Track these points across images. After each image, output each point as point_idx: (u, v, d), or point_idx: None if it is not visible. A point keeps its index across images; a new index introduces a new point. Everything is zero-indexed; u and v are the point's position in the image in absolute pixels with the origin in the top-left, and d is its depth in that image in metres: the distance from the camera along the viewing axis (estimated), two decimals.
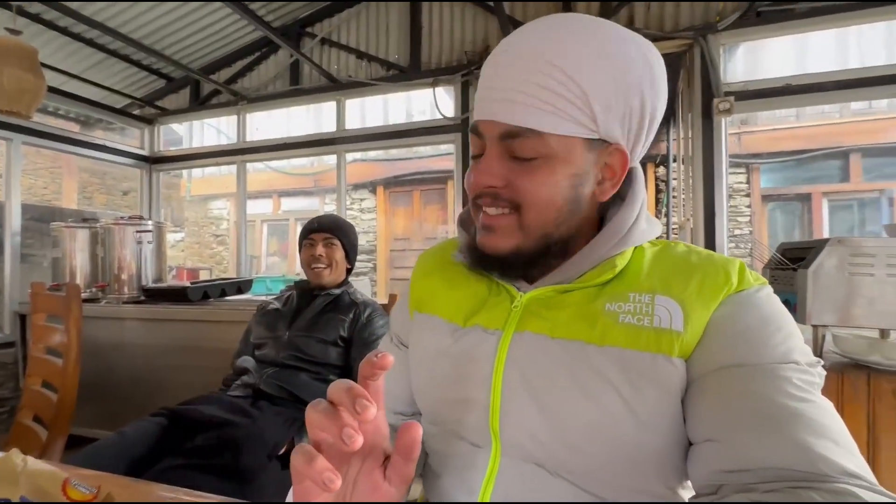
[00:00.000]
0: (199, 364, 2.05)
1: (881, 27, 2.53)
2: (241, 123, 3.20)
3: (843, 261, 1.31)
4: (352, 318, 1.34)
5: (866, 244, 1.31)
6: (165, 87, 3.41)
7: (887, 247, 1.28)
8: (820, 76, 2.08)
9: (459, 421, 0.48)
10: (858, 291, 1.29)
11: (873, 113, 4.35)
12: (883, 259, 1.28)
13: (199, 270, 6.65)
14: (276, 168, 6.55)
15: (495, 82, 0.43)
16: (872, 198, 4.66)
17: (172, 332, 2.15)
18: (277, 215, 7.02)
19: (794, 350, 0.40)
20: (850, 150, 4.53)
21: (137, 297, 2.41)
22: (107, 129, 3.61)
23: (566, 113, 0.41)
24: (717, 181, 2.17)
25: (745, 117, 4.61)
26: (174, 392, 2.06)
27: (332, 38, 2.99)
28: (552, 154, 0.43)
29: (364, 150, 4.19)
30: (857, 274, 1.30)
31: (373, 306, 1.39)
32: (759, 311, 0.42)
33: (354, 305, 1.37)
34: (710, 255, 0.47)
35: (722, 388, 0.39)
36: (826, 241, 1.33)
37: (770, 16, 2.12)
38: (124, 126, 3.39)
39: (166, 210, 7.20)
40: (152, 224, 2.50)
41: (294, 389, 1.20)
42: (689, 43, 2.23)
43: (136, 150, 3.34)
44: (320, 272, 1.39)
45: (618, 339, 0.43)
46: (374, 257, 6.28)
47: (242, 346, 1.47)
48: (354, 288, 1.48)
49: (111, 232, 2.41)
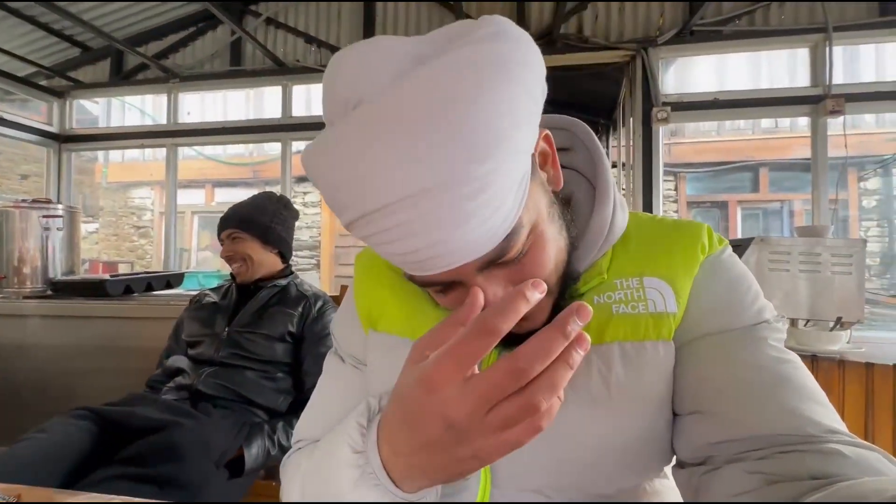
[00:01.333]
0: (119, 366, 1.83)
1: (785, 54, 2.86)
2: (172, 103, 2.92)
3: (763, 257, 1.46)
4: (301, 312, 1.25)
5: (783, 243, 1.46)
6: (81, 57, 3.02)
7: (798, 245, 1.44)
8: (740, 93, 2.30)
9: None
10: (777, 285, 1.43)
11: (779, 131, 4.92)
12: (795, 257, 1.43)
13: (118, 264, 6.00)
14: (211, 156, 6.09)
15: (418, 229, 0.30)
16: (775, 208, 5.27)
17: (86, 331, 1.91)
18: (211, 207, 6.52)
19: (764, 308, 0.41)
20: (760, 164, 5.10)
21: (43, 291, 2.11)
22: (2, 101, 3.14)
23: (516, 168, 0.31)
24: (655, 187, 2.33)
25: (675, 129, 5.01)
26: (87, 398, 1.82)
27: (278, 18, 2.83)
28: (535, 218, 0.34)
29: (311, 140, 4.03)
30: (775, 269, 1.45)
31: (324, 298, 1.31)
32: (729, 273, 0.42)
33: (304, 298, 1.28)
34: (677, 224, 0.46)
35: (705, 357, 0.39)
36: (751, 239, 1.47)
37: (702, 35, 2.31)
38: (27, 98, 2.96)
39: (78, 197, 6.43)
40: (63, 208, 2.21)
41: (240, 388, 1.10)
42: (632, 54, 2.37)
43: (43, 125, 2.93)
44: (238, 271, 1.28)
45: (616, 333, 0.40)
46: (318, 254, 6.04)
47: (173, 344, 1.33)
48: (301, 279, 1.39)
49: (9, 216, 2.09)
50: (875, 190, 5.07)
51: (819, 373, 1.27)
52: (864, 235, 5.04)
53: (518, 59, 0.31)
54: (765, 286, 1.41)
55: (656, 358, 0.39)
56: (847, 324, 1.37)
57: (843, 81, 2.18)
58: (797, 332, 1.40)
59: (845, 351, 1.32)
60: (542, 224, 0.35)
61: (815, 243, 1.42)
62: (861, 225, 5.07)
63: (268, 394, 1.12)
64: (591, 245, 0.42)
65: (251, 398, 1.09)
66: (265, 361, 1.17)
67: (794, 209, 5.16)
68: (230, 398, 1.09)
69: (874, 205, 5.08)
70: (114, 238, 6.69)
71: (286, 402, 1.15)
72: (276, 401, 1.13)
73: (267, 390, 1.13)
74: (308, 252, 6.05)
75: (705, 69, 2.98)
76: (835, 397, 1.24)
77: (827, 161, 2.18)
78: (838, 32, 2.14)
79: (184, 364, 1.19)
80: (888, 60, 2.92)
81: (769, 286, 1.43)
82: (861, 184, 5.07)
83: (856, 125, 4.27)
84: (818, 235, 1.49)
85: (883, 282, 4.95)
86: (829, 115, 2.11)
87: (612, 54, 2.41)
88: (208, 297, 1.34)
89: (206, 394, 1.08)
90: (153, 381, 1.23)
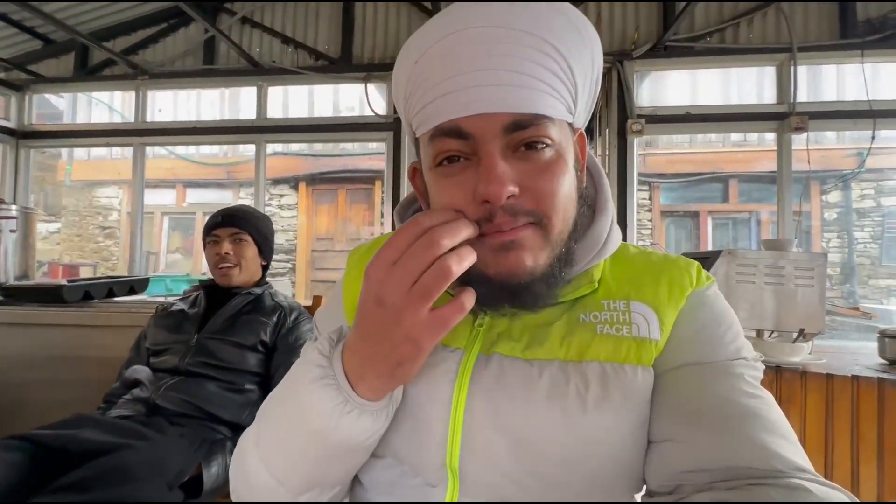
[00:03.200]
0: (77, 377, 1.73)
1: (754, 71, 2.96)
2: (140, 100, 2.81)
3: (731, 269, 1.49)
4: (276, 322, 1.21)
5: (749, 256, 1.50)
6: (42, 50, 2.88)
7: (764, 258, 1.48)
8: (711, 108, 2.37)
9: (409, 453, 0.41)
10: (743, 296, 1.47)
11: (748, 145, 5.12)
12: (762, 269, 1.47)
13: (80, 267, 5.73)
14: (182, 155, 5.90)
15: (477, 64, 0.35)
16: (744, 218, 5.47)
17: (41, 340, 1.80)
18: (182, 208, 6.32)
19: (743, 347, 0.41)
20: (730, 176, 5.28)
21: None
22: None
23: (561, 95, 0.37)
24: (629, 196, 2.37)
25: (650, 140, 5.15)
26: (41, 413, 1.71)
27: (253, 17, 2.76)
28: (560, 144, 0.37)
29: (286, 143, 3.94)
30: (742, 282, 1.48)
31: (298, 309, 1.28)
32: (713, 309, 0.43)
33: (279, 308, 1.25)
34: (666, 257, 0.47)
35: (681, 386, 0.39)
36: (720, 252, 1.50)
37: (675, 51, 2.37)
38: None
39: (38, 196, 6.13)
40: (16, 209, 2.09)
41: (200, 402, 1.04)
42: (609, 66, 2.41)
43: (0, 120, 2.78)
44: (227, 272, 1.23)
45: (598, 353, 0.40)
46: (294, 257, 5.92)
47: (134, 355, 1.26)
48: (276, 289, 1.36)
49: None
50: (836, 203, 5.33)
51: (782, 383, 1.30)
52: (826, 246, 5.27)
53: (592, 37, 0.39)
54: (732, 298, 1.45)
55: (634, 382, 0.39)
56: (809, 335, 1.42)
57: (806, 99, 2.28)
58: (762, 344, 1.44)
59: (807, 362, 1.36)
60: (567, 163, 0.38)
61: (779, 256, 1.47)
62: (823, 236, 5.31)
63: (232, 407, 1.08)
64: (587, 250, 0.42)
65: (213, 412, 1.04)
66: (233, 370, 1.13)
67: (762, 219, 5.36)
68: (190, 413, 1.03)
69: (835, 217, 5.34)
70: (77, 239, 6.39)
71: (251, 417, 1.11)
72: (240, 415, 1.08)
73: (231, 403, 1.08)
74: (284, 255, 5.92)
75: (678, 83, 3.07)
76: (797, 406, 1.27)
77: (791, 174, 2.27)
78: (802, 53, 2.23)
79: (143, 375, 1.13)
80: (848, 80, 3.07)
81: (736, 298, 1.46)
82: (823, 197, 5.31)
83: (818, 141, 4.47)
84: (783, 249, 1.54)
85: (843, 290, 5.20)
86: (793, 132, 2.20)
87: None
88: (175, 305, 1.29)
89: (163, 408, 1.02)
90: (110, 395, 1.17)
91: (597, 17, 2.48)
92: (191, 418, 1.03)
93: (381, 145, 2.68)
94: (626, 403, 0.38)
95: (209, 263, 1.26)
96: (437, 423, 0.40)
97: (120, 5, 2.67)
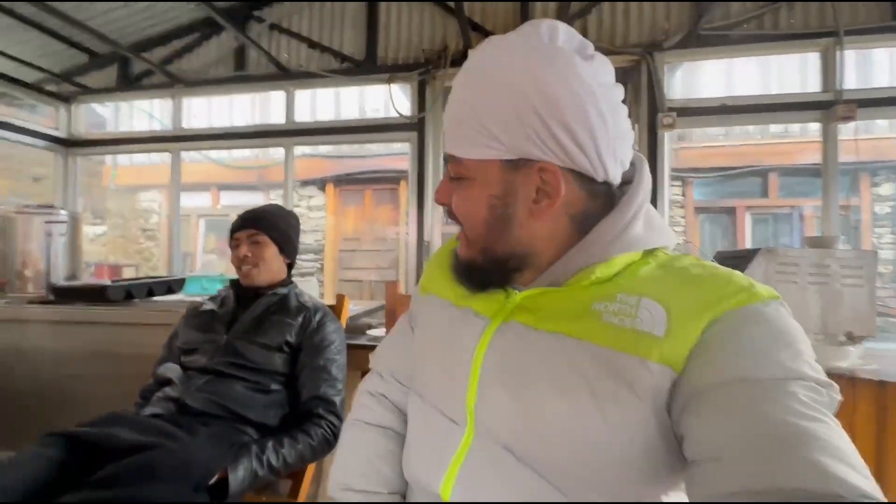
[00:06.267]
0: (117, 373, 1.83)
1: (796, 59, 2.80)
2: (176, 109, 2.94)
3: (771, 269, 1.41)
4: (301, 323, 1.22)
5: (791, 254, 1.42)
6: (88, 63, 3.05)
7: (807, 257, 1.39)
8: (748, 98, 2.26)
9: (440, 395, 0.53)
10: (784, 298, 1.39)
11: (789, 136, 4.84)
12: (805, 268, 1.39)
13: (123, 268, 6.05)
14: (216, 160, 6.11)
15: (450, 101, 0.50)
16: (785, 213, 5.18)
17: (86, 337, 1.91)
18: (216, 210, 6.55)
19: (805, 367, 0.38)
20: (769, 170, 5.01)
21: (45, 296, 2.12)
22: (12, 105, 3.17)
23: (474, 139, 0.46)
24: (660, 192, 2.29)
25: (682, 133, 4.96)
26: (85, 405, 1.82)
27: (282, 24, 2.83)
28: (471, 176, 0.48)
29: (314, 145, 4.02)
30: (783, 282, 1.40)
31: (323, 310, 1.29)
32: (767, 326, 0.40)
33: (304, 309, 1.26)
34: (715, 268, 0.46)
35: (724, 404, 0.37)
36: (757, 250, 1.43)
37: (709, 39, 2.27)
38: (35, 103, 2.99)
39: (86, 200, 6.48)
40: (65, 214, 2.22)
41: (227, 402, 1.07)
42: (637, 59, 2.34)
43: (50, 130, 2.96)
44: (248, 273, 1.26)
45: (597, 337, 0.43)
46: (322, 257, 6.04)
47: (166, 353, 1.31)
48: (301, 289, 1.38)
49: (13, 222, 2.11)
50: (888, 196, 4.95)
51: None
52: (877, 243, 4.92)
53: (570, 103, 0.44)
54: None
55: (628, 371, 0.41)
56: (858, 338, 1.33)
57: (855, 86, 2.13)
58: None
59: (856, 368, 1.27)
60: (479, 188, 0.48)
61: (824, 255, 1.38)
62: (874, 232, 4.96)
63: (258, 408, 1.10)
64: (587, 246, 0.47)
65: (240, 412, 1.06)
66: (260, 371, 1.15)
67: (805, 214, 5.06)
68: (218, 413, 1.05)
69: (887, 211, 4.96)
70: (121, 240, 6.75)
71: (277, 417, 1.13)
72: (266, 415, 1.10)
73: (258, 404, 1.10)
74: (312, 255, 6.05)
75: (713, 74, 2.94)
76: (843, 416, 1.19)
77: (838, 167, 2.13)
78: (850, 36, 2.09)
79: (173, 374, 1.17)
80: None
81: None
82: (874, 189, 4.96)
83: (869, 130, 4.18)
84: (828, 246, 1.44)
85: None
86: (839, 121, 2.06)
87: (616, 59, 2.37)
88: (205, 305, 1.33)
89: (193, 408, 1.05)
90: (145, 390, 1.22)
91: (624, 8, 2.40)
92: (219, 418, 1.05)
93: (405, 146, 2.69)
94: (616, 385, 0.41)
95: (234, 265, 1.30)
96: (461, 371, 0.50)
97: (157, 17, 2.79)
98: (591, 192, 0.48)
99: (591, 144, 0.44)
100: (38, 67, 2.86)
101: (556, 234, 0.49)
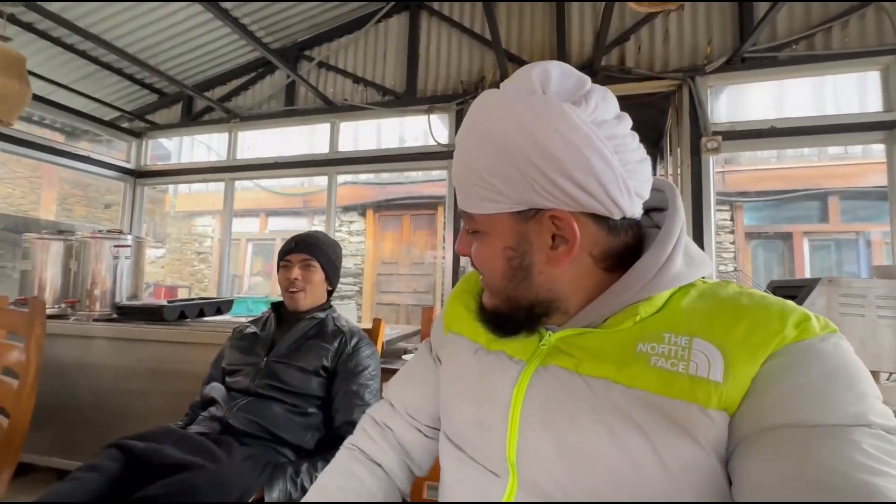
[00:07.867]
0: (168, 389, 1.93)
1: (853, 77, 2.66)
2: (231, 141, 3.17)
3: (833, 301, 1.31)
4: (337, 348, 1.25)
5: (856, 284, 1.31)
6: (157, 102, 3.38)
7: (876, 288, 1.28)
8: (801, 120, 2.16)
9: (477, 445, 0.49)
10: (849, 332, 1.28)
11: (850, 158, 4.54)
12: (872, 300, 1.28)
13: (178, 288, 6.45)
14: (266, 187, 6.50)
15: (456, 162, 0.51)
16: (849, 239, 4.80)
17: (141, 354, 2.03)
18: (263, 234, 6.91)
19: (870, 412, 0.34)
20: (829, 193, 4.70)
21: (109, 314, 2.29)
22: (92, 141, 3.54)
23: (481, 195, 0.46)
24: (706, 218, 2.20)
25: (730, 157, 4.76)
26: (137, 419, 1.92)
27: (329, 61, 3.03)
28: (485, 230, 0.48)
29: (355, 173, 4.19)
30: (848, 314, 1.29)
31: (359, 335, 1.31)
32: (824, 363, 0.37)
33: (340, 333, 1.29)
34: (764, 298, 0.42)
35: (774, 451, 0.34)
36: (817, 280, 1.33)
37: (754, 62, 2.21)
38: (111, 138, 3.33)
39: (149, 225, 7.04)
40: (131, 239, 2.41)
41: (266, 423, 1.10)
42: (678, 84, 2.30)
43: (122, 162, 3.26)
44: (294, 296, 1.31)
45: (648, 384, 0.40)
46: (361, 280, 6.18)
47: (213, 372, 1.37)
48: (338, 313, 1.41)
49: (86, 245, 2.31)
50: None
51: None
52: None
53: (562, 148, 0.42)
54: None
55: (687, 420, 0.38)
56: None
57: None
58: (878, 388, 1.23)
59: None
60: (493, 241, 0.48)
61: (894, 285, 1.27)
62: None
63: (295, 430, 1.12)
64: (629, 284, 0.44)
65: (278, 434, 1.09)
66: (298, 394, 1.17)
67: (872, 240, 4.67)
68: (257, 434, 1.09)
69: None
70: (177, 262, 7.23)
71: (314, 440, 1.14)
72: (303, 438, 1.12)
73: (295, 426, 1.13)
74: (352, 279, 6.21)
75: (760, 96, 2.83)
76: None
77: None
78: None
79: (218, 394, 1.21)
80: None
81: (841, 332, 1.28)
82: None
83: None
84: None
85: None
86: None
87: (656, 84, 2.35)
88: (249, 328, 1.39)
89: (234, 428, 1.09)
90: (194, 406, 1.28)
91: (664, 33, 2.39)
92: (258, 439, 1.08)
93: (442, 172, 2.75)
94: (676, 435, 0.38)
95: (280, 286, 1.35)
96: (498, 418, 0.47)
97: (218, 59, 3.06)
98: (611, 229, 0.46)
99: (599, 188, 0.42)
100: (114, 107, 3.20)
101: (581, 276, 0.47)
